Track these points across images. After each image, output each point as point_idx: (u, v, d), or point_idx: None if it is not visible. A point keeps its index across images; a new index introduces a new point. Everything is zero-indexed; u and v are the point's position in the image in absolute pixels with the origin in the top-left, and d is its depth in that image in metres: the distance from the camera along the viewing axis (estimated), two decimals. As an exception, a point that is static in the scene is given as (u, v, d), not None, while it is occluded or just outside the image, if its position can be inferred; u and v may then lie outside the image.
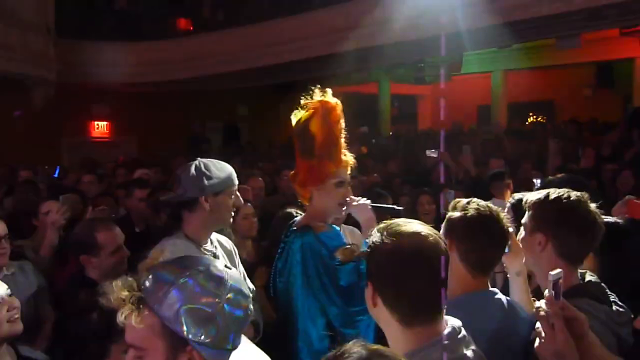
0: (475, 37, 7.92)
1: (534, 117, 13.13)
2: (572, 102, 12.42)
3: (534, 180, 4.29)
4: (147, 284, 1.23)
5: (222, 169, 2.25)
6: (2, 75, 9.35)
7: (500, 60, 12.05)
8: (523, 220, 1.77)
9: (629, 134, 6.71)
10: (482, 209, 1.71)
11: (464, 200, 1.75)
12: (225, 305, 1.21)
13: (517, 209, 2.09)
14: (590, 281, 1.70)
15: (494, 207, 1.75)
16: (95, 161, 8.15)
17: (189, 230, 2.24)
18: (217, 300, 1.20)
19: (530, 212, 1.72)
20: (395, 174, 6.58)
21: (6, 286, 2.05)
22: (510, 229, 1.76)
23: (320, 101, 2.39)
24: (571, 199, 1.65)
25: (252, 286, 2.42)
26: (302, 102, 2.44)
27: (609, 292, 1.70)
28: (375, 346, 0.99)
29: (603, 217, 2.07)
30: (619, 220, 2.21)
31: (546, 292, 1.36)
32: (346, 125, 2.53)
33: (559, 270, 1.41)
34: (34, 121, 10.42)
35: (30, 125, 10.36)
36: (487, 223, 1.69)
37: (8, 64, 9.30)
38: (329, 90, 2.44)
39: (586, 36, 9.17)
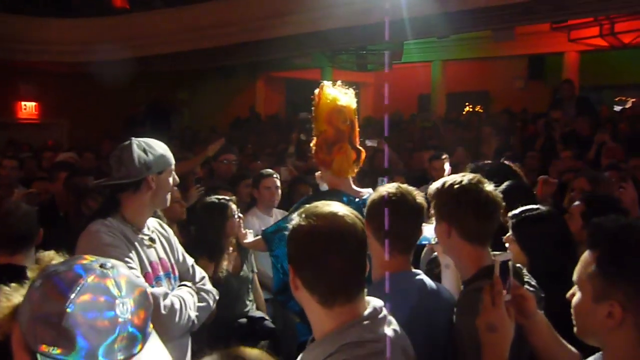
0: (416, 26, 8.05)
1: (470, 107, 13.55)
2: (505, 93, 12.89)
3: (445, 167, 4.53)
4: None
5: (161, 146, 2.18)
6: None
7: (440, 50, 12.33)
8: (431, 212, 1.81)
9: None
10: (391, 189, 1.75)
11: (378, 187, 1.79)
12: (74, 311, 0.97)
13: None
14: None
15: (405, 186, 1.79)
16: (18, 144, 7.71)
17: (127, 213, 2.13)
18: (64, 304, 0.97)
19: (433, 201, 1.76)
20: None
21: None
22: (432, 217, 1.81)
23: (332, 101, 2.53)
24: (463, 183, 1.69)
25: (203, 273, 2.36)
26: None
27: (525, 273, 1.78)
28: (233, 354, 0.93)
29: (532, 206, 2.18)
30: (537, 207, 2.30)
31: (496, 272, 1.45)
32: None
33: (506, 252, 1.48)
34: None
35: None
36: (397, 201, 1.73)
37: None
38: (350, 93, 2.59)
39: (520, 30, 9.54)
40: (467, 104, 13.14)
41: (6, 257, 2.27)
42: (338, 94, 2.58)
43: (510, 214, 2.23)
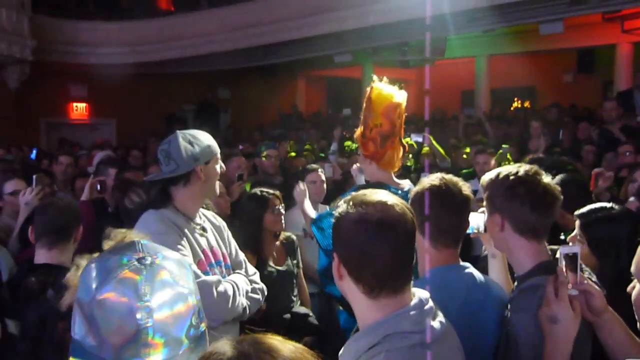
0: (460, 20, 7.90)
1: (519, 102, 13.19)
2: (552, 88, 12.49)
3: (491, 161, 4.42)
4: None
5: (205, 136, 2.21)
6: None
7: (484, 45, 12.04)
8: (484, 204, 1.74)
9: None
10: (435, 179, 1.69)
11: (423, 179, 1.73)
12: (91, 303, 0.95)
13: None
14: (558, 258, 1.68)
15: (449, 177, 1.73)
16: (72, 143, 8.00)
17: (179, 204, 2.17)
18: (89, 297, 0.96)
19: (485, 194, 1.68)
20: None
21: None
22: (483, 209, 1.74)
23: (389, 97, 2.59)
24: (519, 174, 1.61)
25: (254, 270, 2.38)
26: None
27: (584, 267, 1.69)
28: (250, 341, 0.84)
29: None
30: (609, 207, 2.18)
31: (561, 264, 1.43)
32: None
33: (573, 245, 1.42)
34: (10, 101, 10.19)
35: (6, 105, 10.12)
36: (444, 191, 1.67)
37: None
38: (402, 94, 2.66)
39: (569, 22, 9.19)
40: (514, 99, 12.80)
41: (45, 251, 2.28)
42: (393, 90, 2.63)
43: (577, 212, 2.12)
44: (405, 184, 2.69)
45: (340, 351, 1.29)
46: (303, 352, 0.83)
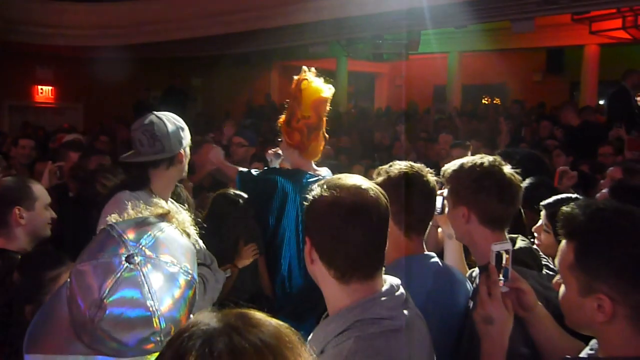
0: (434, 15, 7.94)
1: (488, 99, 13.39)
2: (522, 86, 12.71)
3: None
4: None
5: (182, 120, 2.19)
6: None
7: (457, 41, 12.16)
8: (445, 195, 1.74)
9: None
10: (404, 167, 1.69)
11: (384, 166, 1.73)
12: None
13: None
14: (520, 247, 1.71)
15: (417, 164, 1.73)
16: (34, 126, 7.76)
17: (156, 187, 2.13)
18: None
19: (449, 185, 1.69)
20: (345, 149, 6.59)
21: None
22: (441, 191, 1.76)
23: (318, 91, 2.71)
24: (484, 165, 1.62)
25: (212, 257, 2.35)
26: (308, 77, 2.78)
27: (543, 256, 1.73)
28: (237, 314, 0.82)
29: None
30: (574, 197, 2.24)
31: (491, 262, 1.40)
32: None
33: (504, 242, 1.42)
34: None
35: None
36: (411, 179, 1.67)
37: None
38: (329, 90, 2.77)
39: (539, 21, 9.36)
40: (484, 96, 12.99)
41: None
42: (323, 85, 2.75)
43: (543, 203, 2.16)
44: (323, 171, 2.85)
45: (309, 336, 1.28)
46: (285, 329, 0.81)
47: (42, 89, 12.11)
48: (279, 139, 2.90)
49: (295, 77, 2.80)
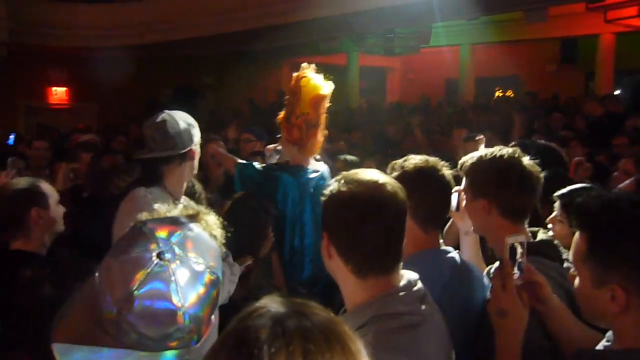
0: (445, 8, 7.88)
1: (501, 91, 13.27)
2: (536, 77, 12.58)
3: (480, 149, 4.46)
4: None
5: (192, 117, 2.24)
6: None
7: (468, 33, 12.06)
8: (463, 187, 1.73)
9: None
10: (419, 161, 1.68)
11: (399, 160, 1.72)
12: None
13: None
14: (542, 239, 1.69)
15: (432, 158, 1.72)
16: (50, 127, 7.84)
17: (170, 184, 2.16)
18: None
19: (468, 178, 1.68)
20: (358, 144, 6.57)
21: None
22: (457, 188, 1.74)
23: (317, 88, 2.77)
24: (504, 156, 1.62)
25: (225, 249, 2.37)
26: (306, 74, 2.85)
27: (563, 250, 1.71)
28: (299, 301, 0.85)
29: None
30: (589, 187, 2.22)
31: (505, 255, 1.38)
32: None
33: (518, 234, 1.41)
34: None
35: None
36: (427, 173, 1.66)
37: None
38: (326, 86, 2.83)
39: (553, 11, 9.23)
40: (497, 88, 12.87)
41: (9, 240, 2.20)
42: (322, 82, 2.82)
43: (557, 193, 2.15)
44: (322, 167, 2.91)
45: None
46: (338, 318, 0.84)
47: (56, 90, 12.24)
48: (278, 135, 2.92)
49: (295, 74, 2.84)
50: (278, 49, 11.53)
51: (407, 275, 1.30)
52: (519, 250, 1.39)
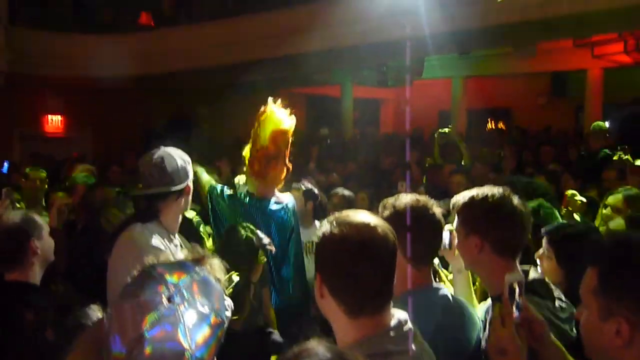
0: (437, 42, 8.06)
1: (493, 123, 13.46)
2: (527, 109, 12.81)
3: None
4: None
5: (186, 154, 2.29)
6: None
7: (460, 66, 12.31)
8: (455, 226, 1.77)
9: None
10: (410, 200, 1.73)
11: (390, 199, 1.76)
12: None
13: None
14: (533, 278, 1.73)
15: (422, 197, 1.77)
16: (45, 157, 7.85)
17: (165, 219, 2.19)
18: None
19: (461, 216, 1.72)
20: (353, 175, 6.62)
21: None
22: (449, 226, 1.78)
23: (277, 123, 2.86)
24: (496, 196, 1.67)
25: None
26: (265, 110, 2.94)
27: (554, 288, 1.74)
28: (338, 349, 0.90)
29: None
30: (575, 223, 2.27)
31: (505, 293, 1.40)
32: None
33: (516, 272, 1.44)
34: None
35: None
36: (418, 212, 1.70)
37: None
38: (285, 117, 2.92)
39: (542, 46, 9.48)
40: (489, 120, 13.06)
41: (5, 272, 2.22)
42: (283, 117, 2.91)
43: (544, 229, 2.19)
44: (286, 198, 3.00)
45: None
46: None
47: (52, 118, 12.28)
48: (244, 168, 3.03)
49: (262, 108, 2.96)
50: (273, 80, 11.69)
51: (398, 315, 1.33)
52: (517, 288, 1.42)
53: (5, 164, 7.69)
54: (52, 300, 2.17)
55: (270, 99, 2.97)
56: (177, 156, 2.18)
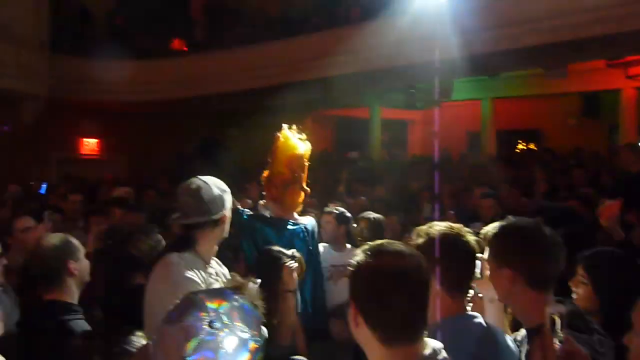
0: (466, 65, 8.06)
1: (523, 144, 13.28)
2: (558, 131, 12.60)
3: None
4: None
5: (224, 184, 2.31)
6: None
7: (490, 88, 12.24)
8: (486, 257, 1.76)
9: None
10: (444, 228, 1.73)
11: (423, 227, 1.76)
12: None
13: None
14: (571, 311, 1.70)
15: (456, 225, 1.77)
16: (82, 179, 8.08)
17: (201, 248, 2.21)
18: None
19: (492, 248, 1.70)
20: (382, 199, 6.60)
21: None
22: (481, 255, 1.77)
23: (292, 148, 2.96)
24: (528, 227, 1.65)
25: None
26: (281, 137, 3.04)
27: (590, 320, 1.71)
28: None
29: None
30: (612, 249, 2.22)
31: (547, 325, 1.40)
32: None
33: (557, 305, 1.43)
34: (24, 136, 10.37)
35: (19, 140, 10.30)
36: (452, 241, 1.70)
37: (0, 80, 9.31)
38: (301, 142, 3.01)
39: (573, 67, 9.37)
40: (519, 141, 12.90)
41: (44, 293, 2.29)
42: (298, 142, 3.00)
43: (580, 255, 2.16)
44: (305, 220, 3.07)
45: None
46: None
47: (87, 141, 12.67)
48: (263, 192, 3.11)
49: (277, 134, 3.06)
50: (302, 103, 11.83)
51: (432, 344, 1.34)
52: (558, 321, 1.40)
53: (44, 186, 7.96)
54: (96, 325, 2.23)
55: (284, 126, 3.05)
56: (214, 185, 2.20)
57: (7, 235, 3.41)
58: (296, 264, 3.00)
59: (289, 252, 3.06)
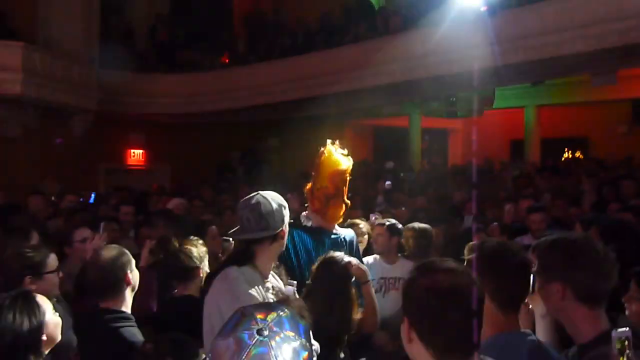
0: (508, 73, 7.94)
1: (569, 152, 12.90)
2: (607, 138, 12.19)
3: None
4: None
5: (283, 199, 2.35)
6: (46, 105, 9.80)
7: (533, 95, 11.97)
8: (535, 271, 1.73)
9: None
10: (497, 245, 1.72)
11: (475, 242, 1.76)
12: None
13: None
14: (628, 329, 1.65)
15: (508, 242, 1.75)
16: (130, 189, 8.32)
17: (260, 262, 2.25)
18: None
19: (541, 262, 1.68)
20: (423, 209, 6.52)
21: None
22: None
23: (336, 164, 3.02)
24: (578, 241, 1.63)
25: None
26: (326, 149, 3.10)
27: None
28: None
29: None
30: None
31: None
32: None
33: (625, 328, 1.40)
34: (74, 148, 10.80)
35: (70, 152, 10.73)
36: (504, 257, 1.70)
37: (52, 95, 9.75)
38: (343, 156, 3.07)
39: (622, 72, 9.06)
40: (565, 150, 12.55)
41: (101, 301, 2.39)
42: (341, 158, 3.06)
43: (635, 269, 2.10)
44: (345, 232, 3.15)
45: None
46: None
47: (134, 152, 13.08)
48: (306, 204, 3.17)
49: (321, 149, 3.12)
50: (341, 113, 11.90)
51: None
52: (625, 343, 1.37)
53: (92, 196, 8.25)
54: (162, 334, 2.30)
55: (328, 141, 3.12)
56: (273, 200, 2.23)
57: (64, 246, 3.54)
58: (355, 259, 3.05)
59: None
